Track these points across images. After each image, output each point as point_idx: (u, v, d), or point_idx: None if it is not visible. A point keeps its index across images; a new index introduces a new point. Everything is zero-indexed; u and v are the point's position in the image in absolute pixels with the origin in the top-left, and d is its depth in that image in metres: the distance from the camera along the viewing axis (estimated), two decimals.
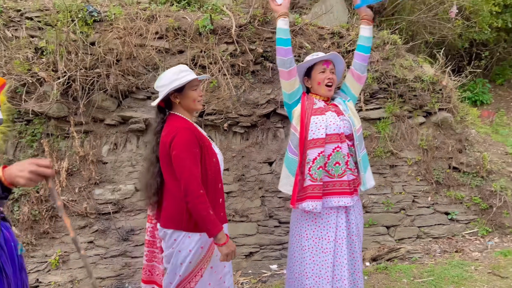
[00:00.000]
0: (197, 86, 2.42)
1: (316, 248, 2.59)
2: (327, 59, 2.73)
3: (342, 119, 2.64)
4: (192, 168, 2.18)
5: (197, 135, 2.29)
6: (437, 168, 4.83)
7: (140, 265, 3.97)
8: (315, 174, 2.53)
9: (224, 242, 2.19)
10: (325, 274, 2.55)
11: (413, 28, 6.53)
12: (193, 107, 2.42)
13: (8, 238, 1.92)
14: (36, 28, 4.09)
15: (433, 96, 4.84)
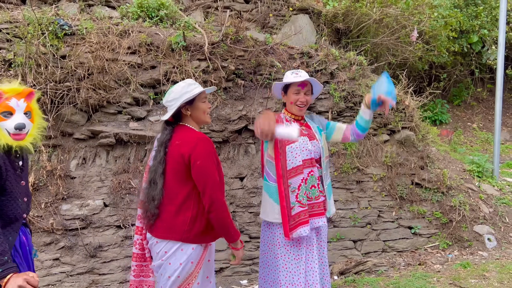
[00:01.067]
0: (206, 98, 2.46)
1: (288, 256, 2.65)
2: (303, 81, 2.78)
3: (313, 144, 2.76)
4: (216, 178, 2.24)
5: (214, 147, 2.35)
6: (400, 184, 5.04)
7: (108, 282, 3.90)
8: (303, 200, 2.64)
9: (241, 246, 2.39)
10: (298, 281, 2.61)
11: (377, 50, 6.84)
12: (203, 119, 2.43)
13: (24, 242, 2.10)
14: (4, 40, 4.02)
15: (397, 115, 5.08)
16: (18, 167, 2.08)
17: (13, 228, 2.03)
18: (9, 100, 2.01)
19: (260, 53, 4.66)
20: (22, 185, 2.10)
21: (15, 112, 2.01)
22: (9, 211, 1.99)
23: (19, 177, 2.08)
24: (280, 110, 4.63)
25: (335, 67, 4.93)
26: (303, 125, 2.84)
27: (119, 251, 3.99)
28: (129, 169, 4.22)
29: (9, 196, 1.99)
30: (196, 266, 2.29)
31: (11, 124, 1.99)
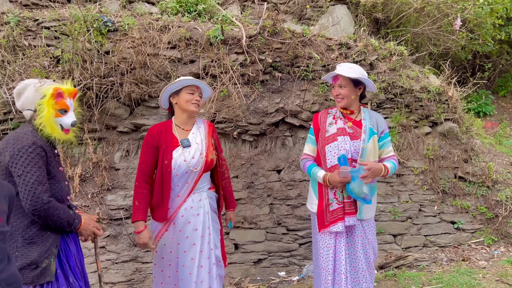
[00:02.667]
0: (194, 91, 2.77)
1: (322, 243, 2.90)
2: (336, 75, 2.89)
3: (354, 144, 2.82)
4: (139, 164, 2.74)
5: (155, 137, 2.70)
6: (443, 178, 4.90)
7: (151, 270, 4.02)
8: (339, 198, 2.81)
9: (136, 231, 2.65)
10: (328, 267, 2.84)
11: (418, 40, 6.64)
12: (186, 107, 2.74)
13: None
14: (53, 37, 4.21)
15: (439, 107, 4.92)
16: (56, 155, 2.32)
17: None
18: (65, 99, 2.25)
19: (297, 45, 4.64)
20: (61, 170, 2.34)
21: (69, 110, 2.27)
22: (56, 193, 2.22)
23: (58, 163, 2.33)
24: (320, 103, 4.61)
25: (375, 57, 4.83)
26: (351, 121, 2.91)
27: None
28: None
29: (54, 179, 2.22)
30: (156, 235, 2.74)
31: (67, 120, 2.25)
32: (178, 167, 2.64)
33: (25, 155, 2.07)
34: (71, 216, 2.21)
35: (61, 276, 2.19)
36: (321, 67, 4.71)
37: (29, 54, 4.04)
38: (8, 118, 4.04)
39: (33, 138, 2.13)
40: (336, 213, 2.79)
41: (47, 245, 2.14)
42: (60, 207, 2.15)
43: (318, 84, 4.69)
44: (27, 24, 4.20)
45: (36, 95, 2.19)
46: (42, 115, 2.16)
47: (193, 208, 2.71)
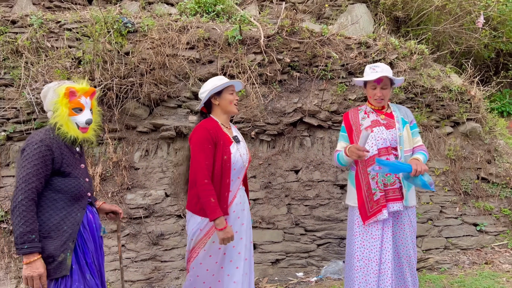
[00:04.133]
0: (233, 91, 2.80)
1: (366, 234, 2.88)
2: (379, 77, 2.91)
3: (390, 132, 2.88)
4: (201, 161, 2.56)
5: (213, 134, 2.63)
6: (465, 179, 4.79)
7: (169, 269, 4.06)
8: (381, 186, 2.84)
9: (221, 228, 2.51)
10: (373, 257, 2.82)
11: (439, 38, 6.51)
12: (229, 108, 2.77)
13: (91, 220, 2.39)
14: (74, 38, 4.29)
15: (461, 106, 4.82)
16: (76, 153, 2.36)
17: (80, 205, 2.31)
18: (80, 97, 2.29)
19: (316, 44, 4.61)
20: (82, 167, 2.38)
21: (84, 108, 2.30)
22: (74, 189, 2.26)
23: (78, 161, 2.37)
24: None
25: (395, 56, 4.76)
26: (383, 113, 2.99)
27: (180, 239, 4.15)
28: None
29: (70, 176, 2.26)
30: (205, 234, 2.66)
31: (82, 119, 2.28)
32: (236, 162, 2.70)
33: (27, 151, 2.14)
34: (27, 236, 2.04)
35: (76, 271, 2.22)
36: (340, 66, 4.66)
37: (51, 55, 4.12)
38: (31, 118, 4.14)
39: (43, 136, 2.18)
40: (380, 201, 2.80)
41: (63, 239, 2.18)
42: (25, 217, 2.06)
43: (336, 83, 4.65)
44: (50, 26, 4.29)
45: (54, 96, 2.25)
46: (57, 114, 2.22)
47: (241, 203, 2.78)
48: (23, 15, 4.34)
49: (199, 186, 2.54)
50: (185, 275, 4.06)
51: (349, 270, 2.98)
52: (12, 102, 4.07)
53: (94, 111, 2.41)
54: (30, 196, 2.10)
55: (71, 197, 2.25)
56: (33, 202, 2.12)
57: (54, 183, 2.22)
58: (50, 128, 2.26)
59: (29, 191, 2.09)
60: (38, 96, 3.98)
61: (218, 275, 2.72)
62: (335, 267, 4.24)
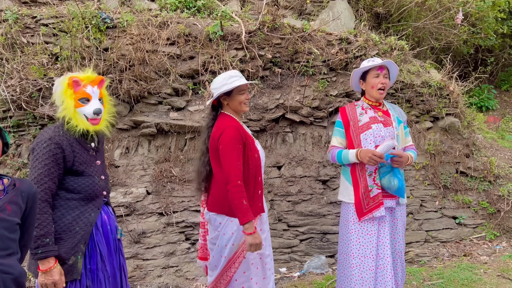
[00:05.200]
0: (245, 90, 2.65)
1: (362, 231, 2.86)
2: (381, 65, 2.90)
3: (388, 130, 2.88)
4: (233, 161, 2.42)
5: (242, 133, 2.52)
6: (444, 173, 4.87)
7: (152, 267, 4.03)
8: (380, 182, 2.82)
9: (250, 232, 2.38)
10: (369, 254, 2.82)
11: (419, 34, 6.60)
12: (240, 108, 2.66)
13: (105, 221, 2.21)
14: (51, 34, 4.19)
15: (440, 101, 4.89)
16: (91, 149, 2.20)
17: (94, 205, 2.16)
18: (85, 87, 2.11)
19: (297, 40, 4.61)
20: (97, 164, 2.22)
21: (91, 98, 2.12)
22: (88, 188, 2.12)
23: (94, 157, 2.21)
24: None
25: (375, 52, 4.79)
26: (380, 111, 2.97)
27: (162, 237, 4.11)
28: (170, 158, 4.32)
29: (83, 175, 2.12)
30: (241, 239, 2.52)
31: (89, 109, 2.10)
32: (263, 158, 2.68)
33: (36, 151, 2.03)
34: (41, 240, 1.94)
35: (83, 277, 2.09)
36: (321, 62, 4.68)
37: (27, 51, 4.02)
38: (7, 116, 4.04)
39: (51, 134, 2.05)
40: (377, 198, 2.81)
41: (75, 242, 2.05)
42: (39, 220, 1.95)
43: (318, 79, 4.66)
44: (25, 22, 4.18)
45: (58, 89, 2.12)
46: (63, 107, 2.07)
47: (265, 203, 2.77)
48: None
49: (231, 187, 2.38)
50: (168, 272, 4.04)
51: (345, 268, 2.95)
52: None
53: (105, 101, 2.24)
54: (43, 197, 1.98)
55: (84, 196, 2.11)
56: (47, 204, 1.99)
57: (67, 182, 2.09)
58: (60, 125, 2.12)
59: (42, 193, 1.97)
60: (14, 94, 3.89)
61: (262, 270, 2.62)
62: (318, 262, 4.27)
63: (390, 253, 2.83)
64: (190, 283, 4.02)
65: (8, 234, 1.67)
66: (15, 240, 1.71)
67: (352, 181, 2.93)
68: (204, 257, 2.88)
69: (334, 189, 4.57)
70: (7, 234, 1.66)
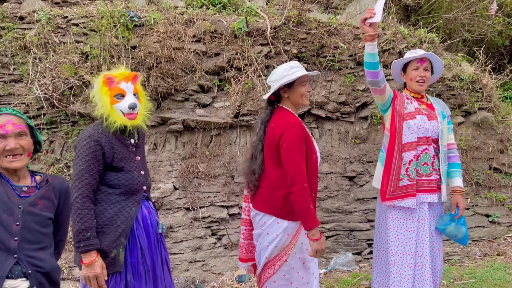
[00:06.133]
0: (306, 82, 2.48)
1: (400, 227, 2.78)
2: (422, 58, 2.82)
3: (432, 123, 2.79)
4: (300, 162, 2.27)
5: (305, 131, 2.38)
6: (477, 169, 4.71)
7: (179, 261, 4.10)
8: (412, 175, 2.74)
9: (317, 238, 2.26)
10: (408, 250, 2.74)
11: (451, 26, 6.38)
12: (301, 102, 2.48)
13: (145, 216, 2.24)
14: (81, 33, 4.30)
15: (473, 95, 4.73)
16: (130, 145, 2.24)
17: (135, 199, 2.20)
18: (119, 83, 2.15)
19: (323, 34, 4.55)
20: (137, 160, 2.27)
21: (126, 94, 2.16)
22: (128, 183, 2.17)
23: (133, 153, 2.25)
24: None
25: (404, 46, 4.68)
26: (423, 103, 2.88)
27: (189, 232, 4.17)
28: (196, 154, 4.36)
29: (123, 170, 2.17)
30: (293, 238, 2.40)
31: (124, 104, 2.14)
32: (319, 159, 2.55)
33: (78, 148, 2.09)
34: (83, 234, 2.00)
35: (124, 270, 2.13)
36: (348, 56, 4.61)
37: (59, 50, 4.15)
38: (41, 113, 4.18)
39: (91, 132, 2.11)
40: (405, 189, 2.72)
41: (116, 235, 2.10)
42: (81, 214, 2.01)
43: (345, 74, 4.60)
44: (57, 22, 4.31)
45: (94, 88, 2.18)
46: (100, 105, 2.14)
47: None
48: (30, 11, 4.37)
49: (298, 190, 2.23)
50: (194, 267, 4.10)
51: (383, 265, 2.89)
52: (22, 97, 4.12)
53: (141, 96, 2.25)
54: (84, 193, 2.03)
55: (125, 191, 2.16)
56: (88, 199, 2.05)
57: (108, 177, 2.14)
58: (100, 122, 2.18)
59: (82, 188, 2.03)
60: (47, 92, 4.02)
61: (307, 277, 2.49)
62: (344, 259, 4.23)
63: (429, 251, 2.75)
64: (216, 278, 4.06)
65: (40, 228, 1.75)
66: (47, 234, 1.78)
67: (384, 165, 2.83)
68: (245, 259, 2.75)
69: (361, 186, 4.51)
70: (38, 228, 1.74)
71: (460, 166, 2.94)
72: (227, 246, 4.22)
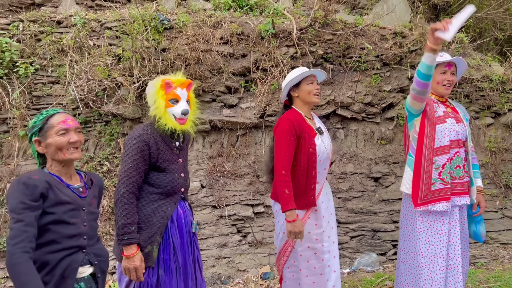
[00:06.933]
0: (313, 80, 2.72)
1: (431, 230, 2.77)
2: (450, 62, 2.83)
3: (460, 126, 2.81)
4: (281, 152, 2.54)
5: (297, 126, 2.59)
6: (506, 171, 4.63)
7: (205, 257, 4.22)
8: (446, 178, 2.73)
9: (290, 220, 2.46)
10: (440, 253, 2.72)
11: (481, 25, 6.25)
12: (309, 99, 2.71)
13: (180, 215, 2.36)
14: (114, 37, 4.49)
15: (503, 96, 4.64)
16: (175, 147, 2.35)
17: (172, 200, 2.32)
18: (176, 89, 2.27)
19: (349, 35, 4.57)
20: (179, 162, 2.37)
21: (180, 99, 2.28)
22: (168, 184, 2.28)
23: (176, 155, 2.35)
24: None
25: None
26: (449, 107, 2.90)
27: (215, 229, 4.29)
28: (223, 154, 4.48)
29: (165, 172, 2.28)
30: None
31: (178, 109, 2.25)
32: (321, 154, 2.69)
33: (127, 147, 2.20)
34: (127, 228, 2.13)
35: (156, 265, 2.25)
36: (375, 57, 4.61)
37: (93, 53, 4.34)
38: (76, 113, 4.39)
39: (141, 132, 2.22)
40: (438, 192, 2.72)
41: (152, 232, 2.21)
42: (127, 209, 2.14)
43: (371, 75, 4.60)
44: (92, 25, 4.51)
45: (152, 90, 2.29)
46: (154, 106, 2.25)
47: (327, 194, 2.83)
48: (67, 16, 4.58)
49: (276, 176, 2.53)
50: (220, 263, 4.21)
51: (413, 267, 2.88)
52: (59, 98, 4.34)
53: (192, 103, 2.36)
54: (131, 189, 2.15)
55: (164, 191, 2.27)
56: (134, 196, 2.17)
57: (150, 177, 2.25)
58: (149, 123, 2.28)
59: (130, 185, 2.15)
60: (82, 93, 4.22)
61: (320, 267, 2.68)
62: (368, 260, 4.25)
63: (460, 253, 2.73)
64: (241, 274, 4.17)
65: (95, 224, 1.96)
66: (97, 227, 2.01)
67: (413, 169, 2.82)
68: None
69: (386, 187, 4.51)
70: (94, 224, 1.95)
71: (478, 167, 2.96)
72: (252, 244, 4.31)
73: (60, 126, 1.84)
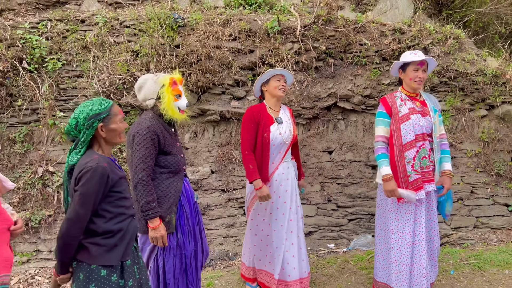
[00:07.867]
0: (280, 78, 3.35)
1: (399, 210, 3.18)
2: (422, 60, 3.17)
3: (426, 119, 3.15)
4: (244, 136, 3.28)
5: (256, 114, 3.28)
6: (498, 161, 4.90)
7: (214, 236, 4.65)
8: (418, 169, 3.09)
9: (256, 187, 3.19)
10: (407, 230, 3.12)
11: (484, 20, 6.44)
12: (275, 93, 3.35)
13: (187, 188, 2.86)
14: (133, 34, 4.90)
15: (496, 89, 4.89)
16: (173, 133, 2.79)
17: (179, 176, 2.77)
18: (178, 85, 2.72)
19: (350, 32, 4.87)
20: (178, 145, 2.81)
21: (182, 94, 2.74)
22: (174, 164, 2.72)
23: (175, 140, 2.80)
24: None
25: (429, 42, 4.90)
26: (418, 101, 3.23)
27: (223, 210, 4.71)
28: (231, 142, 4.88)
29: (171, 154, 2.71)
30: (254, 196, 3.39)
31: (183, 103, 2.72)
32: (275, 139, 3.27)
33: (139, 137, 2.58)
34: (150, 205, 2.52)
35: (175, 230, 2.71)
36: (374, 52, 4.91)
37: (114, 50, 4.77)
38: None
39: (149, 123, 2.60)
40: (416, 183, 3.05)
41: (169, 204, 2.65)
42: (147, 190, 2.52)
43: (370, 69, 4.90)
44: (112, 24, 4.93)
45: (156, 86, 2.66)
46: (165, 101, 2.63)
47: (284, 174, 3.35)
48: (90, 15, 5.01)
49: (242, 155, 3.24)
50: (228, 241, 4.64)
51: (384, 242, 3.30)
52: (83, 91, 4.79)
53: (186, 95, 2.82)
54: (147, 173, 2.56)
55: (172, 170, 2.69)
56: (150, 178, 2.58)
57: (160, 160, 2.66)
58: (152, 115, 2.67)
59: (146, 169, 2.55)
60: (104, 86, 4.66)
61: (267, 230, 3.39)
62: (364, 240, 4.62)
63: (425, 230, 3.11)
64: None
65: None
66: None
67: (390, 165, 3.16)
68: None
69: None
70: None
71: (449, 152, 3.30)
72: None
73: (122, 114, 2.17)
